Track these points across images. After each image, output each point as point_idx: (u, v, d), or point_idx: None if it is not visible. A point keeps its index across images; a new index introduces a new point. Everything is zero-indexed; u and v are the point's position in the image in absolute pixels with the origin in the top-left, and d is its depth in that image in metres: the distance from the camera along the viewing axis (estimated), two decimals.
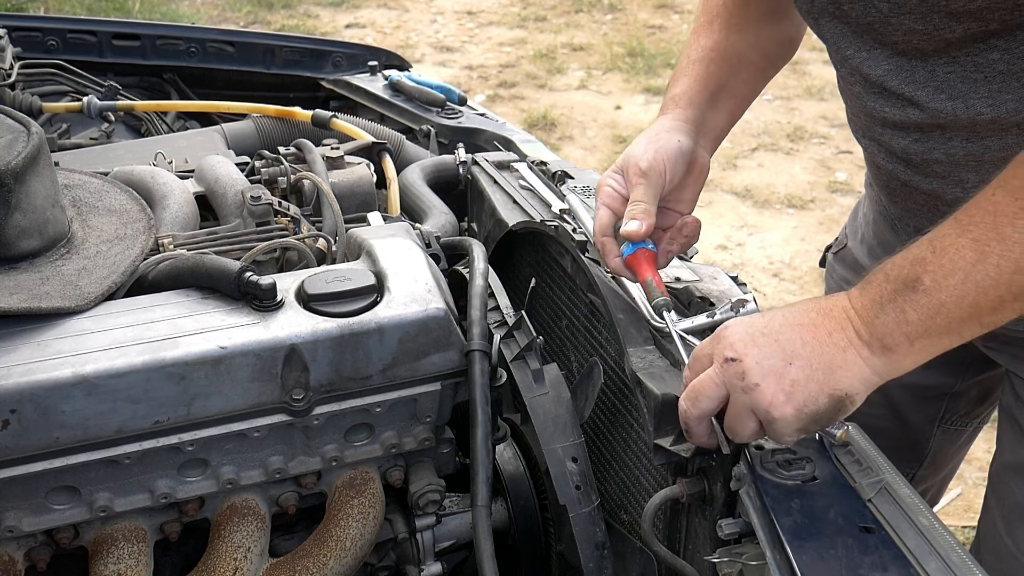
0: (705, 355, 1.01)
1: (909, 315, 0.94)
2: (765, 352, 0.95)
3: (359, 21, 6.69)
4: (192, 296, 1.18)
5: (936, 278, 0.93)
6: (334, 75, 2.45)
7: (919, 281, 0.93)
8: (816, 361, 0.95)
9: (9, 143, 1.18)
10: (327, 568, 1.18)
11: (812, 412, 0.95)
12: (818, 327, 0.96)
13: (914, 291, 0.94)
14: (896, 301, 0.94)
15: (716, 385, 0.98)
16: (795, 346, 0.95)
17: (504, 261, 1.63)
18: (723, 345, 0.98)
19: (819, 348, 0.95)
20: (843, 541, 0.92)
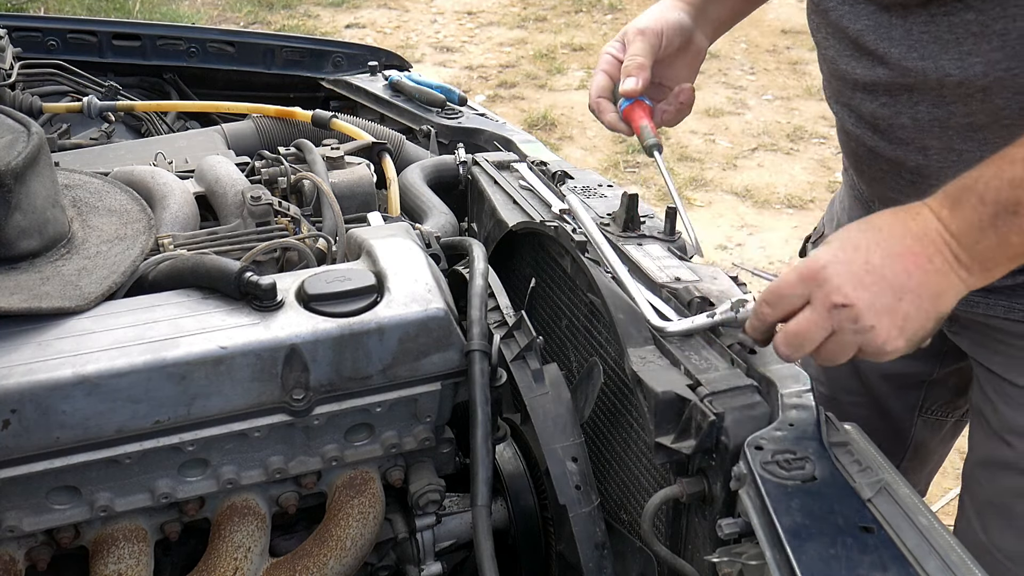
0: (797, 295, 0.99)
1: (1012, 239, 0.95)
2: (875, 292, 0.95)
3: (359, 21, 6.69)
4: (192, 296, 1.18)
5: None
6: (334, 75, 2.45)
7: (1020, 204, 0.94)
8: (924, 291, 0.96)
9: (9, 143, 1.18)
10: (327, 568, 1.19)
11: (920, 337, 0.97)
12: (918, 255, 0.96)
13: (1015, 215, 0.94)
14: (996, 226, 0.94)
15: (821, 329, 0.97)
16: (901, 280, 0.95)
17: (504, 261, 1.63)
18: (828, 290, 0.96)
19: (924, 278, 0.96)
20: (843, 541, 0.92)
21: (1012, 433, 1.30)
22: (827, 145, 5.00)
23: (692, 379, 1.12)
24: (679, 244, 1.42)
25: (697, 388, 1.10)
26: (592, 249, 1.37)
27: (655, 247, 1.40)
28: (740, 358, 1.14)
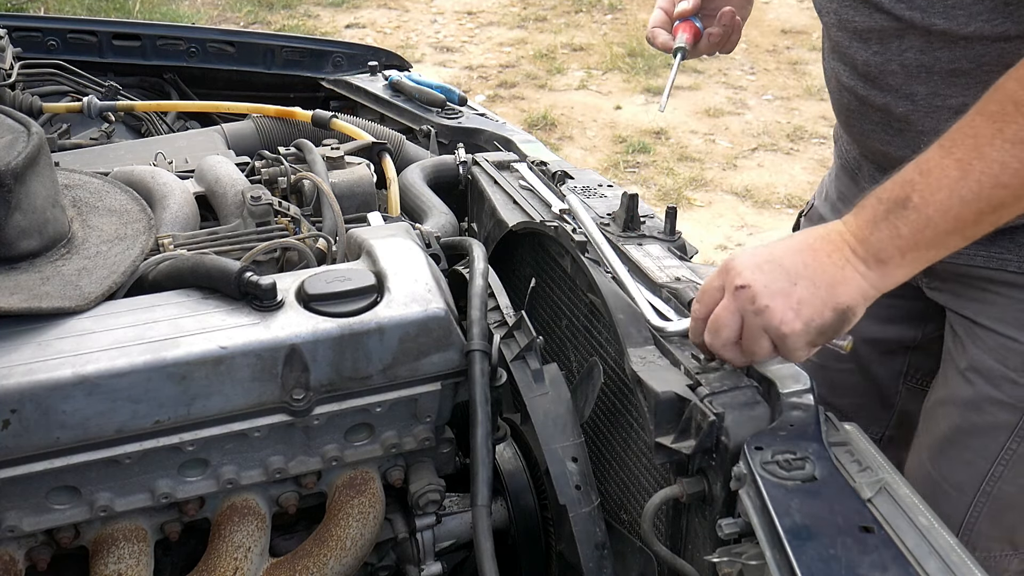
0: (715, 288, 1.09)
1: (901, 230, 1.04)
2: (771, 276, 1.05)
3: (359, 21, 6.69)
4: (192, 296, 1.18)
5: (924, 195, 1.03)
6: (334, 75, 2.45)
7: (909, 199, 1.04)
8: (819, 279, 1.04)
9: (9, 143, 1.18)
10: (327, 568, 1.19)
11: (819, 325, 1.04)
12: (817, 250, 1.06)
13: (904, 208, 1.04)
14: (888, 219, 1.05)
15: (731, 313, 1.06)
16: (798, 268, 1.05)
17: (504, 261, 1.63)
18: (732, 275, 1.07)
19: (820, 268, 1.05)
20: (843, 541, 0.92)
21: (974, 372, 1.37)
22: (827, 145, 5.00)
23: (692, 379, 1.12)
24: (679, 244, 1.42)
25: (697, 388, 1.10)
26: (592, 249, 1.37)
27: (655, 247, 1.40)
28: None
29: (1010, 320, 1.33)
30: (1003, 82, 1.03)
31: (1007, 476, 1.38)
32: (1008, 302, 1.33)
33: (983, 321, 1.36)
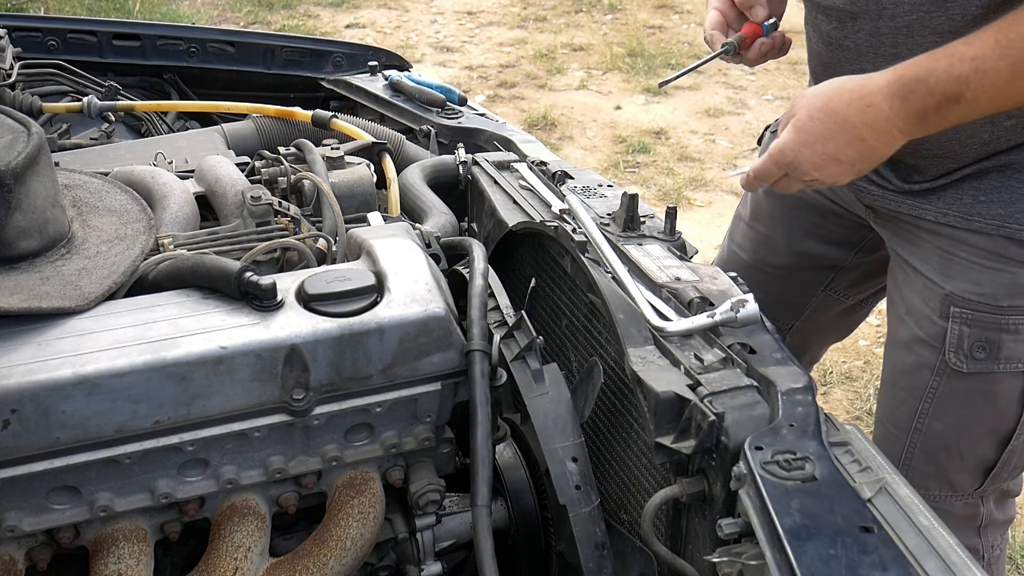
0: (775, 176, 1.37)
1: (949, 119, 1.23)
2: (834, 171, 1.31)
3: (359, 21, 6.69)
4: (192, 296, 1.18)
5: (977, 93, 1.20)
6: (334, 75, 2.45)
7: (962, 96, 1.20)
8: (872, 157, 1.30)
9: (9, 143, 1.18)
10: (327, 568, 1.19)
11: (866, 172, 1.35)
12: (866, 140, 1.28)
13: (957, 103, 1.21)
14: (939, 112, 1.22)
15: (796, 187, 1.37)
16: (852, 158, 1.30)
17: (504, 261, 1.63)
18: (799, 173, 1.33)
19: (872, 151, 1.29)
20: (843, 541, 0.92)
21: (908, 313, 1.51)
22: None
23: (692, 379, 1.12)
24: (679, 244, 1.42)
25: (697, 388, 1.10)
26: (592, 249, 1.37)
27: (655, 247, 1.40)
28: (740, 358, 1.14)
29: (931, 264, 1.46)
30: None
31: (933, 413, 1.48)
32: (930, 247, 1.47)
33: (913, 263, 1.50)
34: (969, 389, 1.46)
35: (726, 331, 1.19)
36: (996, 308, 1.41)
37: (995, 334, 1.42)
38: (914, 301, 1.49)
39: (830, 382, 3.27)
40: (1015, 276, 1.40)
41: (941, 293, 1.44)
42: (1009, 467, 1.52)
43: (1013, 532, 2.67)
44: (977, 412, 1.48)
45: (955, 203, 1.42)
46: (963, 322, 1.43)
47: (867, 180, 1.52)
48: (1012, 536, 2.65)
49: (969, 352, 1.43)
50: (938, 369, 1.46)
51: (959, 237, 1.43)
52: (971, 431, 1.49)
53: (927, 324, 1.47)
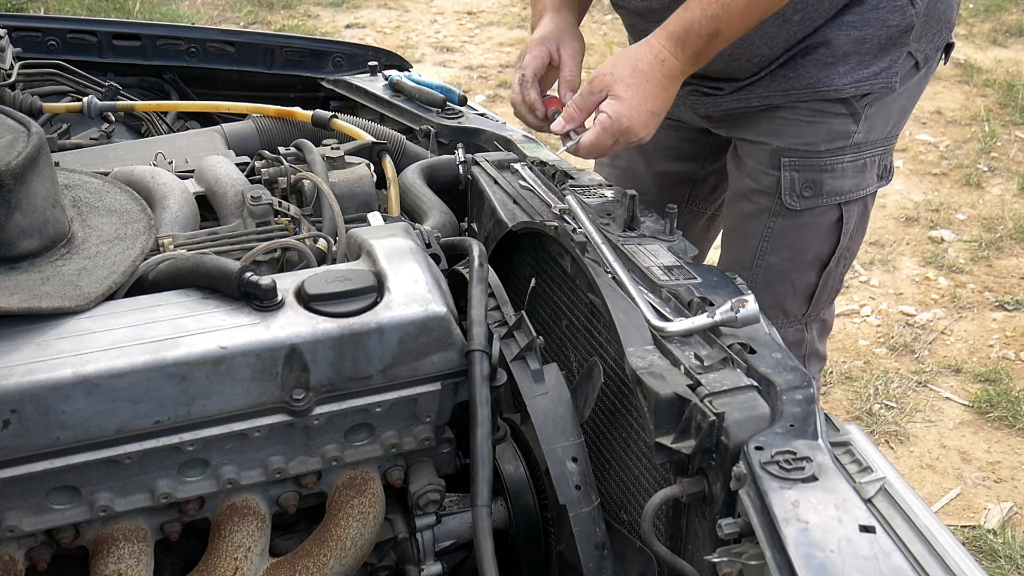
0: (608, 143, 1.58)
1: (713, 50, 1.56)
2: (653, 125, 1.58)
3: (359, 21, 6.69)
4: (192, 296, 1.18)
5: (728, 24, 1.53)
6: (334, 75, 2.45)
7: (719, 31, 1.54)
8: (668, 106, 1.60)
9: (9, 143, 1.18)
10: (327, 568, 1.19)
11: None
12: (668, 88, 1.57)
13: (716, 37, 1.55)
14: (708, 48, 1.55)
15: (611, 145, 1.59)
16: (662, 108, 1.58)
17: (504, 261, 1.63)
18: (629, 136, 1.57)
19: (670, 99, 1.59)
20: (843, 541, 0.92)
21: (746, 174, 1.84)
22: None
23: (692, 379, 1.12)
24: (679, 244, 1.42)
25: (697, 388, 1.10)
26: (592, 249, 1.37)
27: (655, 247, 1.40)
28: (740, 358, 1.14)
29: (761, 130, 1.80)
30: None
31: (770, 249, 1.82)
32: (758, 121, 1.81)
33: (746, 136, 1.83)
34: (799, 224, 1.81)
35: (726, 331, 1.19)
36: (817, 153, 1.76)
37: (818, 174, 1.77)
38: (749, 163, 1.83)
39: (830, 382, 3.27)
40: (830, 125, 1.75)
41: (770, 149, 1.78)
42: (827, 290, 1.90)
43: (1013, 532, 2.67)
44: (805, 243, 1.83)
45: (772, 85, 1.75)
46: (792, 168, 1.77)
47: (700, 94, 1.84)
48: (1012, 536, 2.66)
49: (800, 192, 1.78)
50: (773, 211, 1.80)
51: (781, 106, 1.77)
52: (800, 260, 1.84)
53: (762, 177, 1.80)
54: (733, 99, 1.80)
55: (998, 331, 3.56)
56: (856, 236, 1.88)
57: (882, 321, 3.63)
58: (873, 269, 3.94)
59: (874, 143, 1.80)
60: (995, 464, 2.94)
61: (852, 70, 1.71)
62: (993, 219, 4.26)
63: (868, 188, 1.84)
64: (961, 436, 3.06)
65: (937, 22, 1.76)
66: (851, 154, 1.78)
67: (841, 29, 1.69)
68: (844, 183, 1.80)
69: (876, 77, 1.72)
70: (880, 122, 1.79)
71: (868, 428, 3.06)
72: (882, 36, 1.70)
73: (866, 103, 1.75)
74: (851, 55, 1.71)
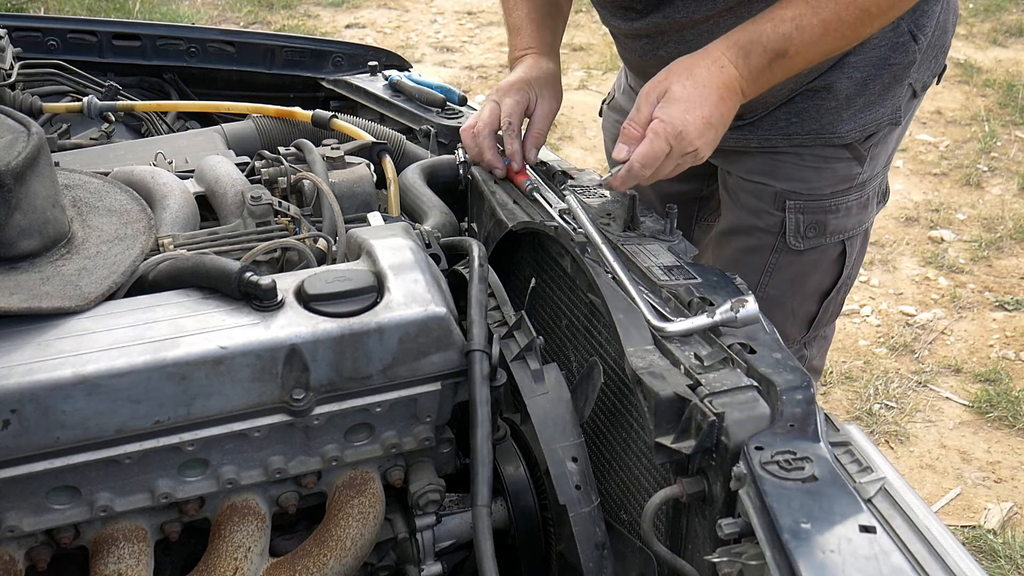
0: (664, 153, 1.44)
1: (777, 74, 1.47)
2: (708, 137, 1.45)
3: (359, 21, 6.69)
4: (192, 296, 1.18)
5: (799, 49, 1.44)
6: (334, 75, 2.45)
7: (787, 51, 1.44)
8: (727, 121, 1.48)
9: (9, 143, 1.18)
10: (327, 568, 1.19)
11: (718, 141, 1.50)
12: (726, 100, 1.46)
13: (784, 58, 1.44)
14: (771, 67, 1.45)
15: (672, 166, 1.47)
16: (720, 121, 1.46)
17: (504, 261, 1.63)
18: (684, 144, 1.44)
19: (729, 114, 1.48)
20: (843, 541, 0.92)
21: (744, 209, 1.81)
22: None
23: (692, 379, 1.12)
24: (679, 244, 1.42)
25: (697, 388, 1.10)
26: (592, 249, 1.37)
27: (655, 247, 1.40)
28: (740, 358, 1.14)
29: (757, 171, 1.76)
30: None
31: (771, 283, 1.80)
32: (754, 161, 1.77)
33: (742, 174, 1.79)
34: (802, 261, 1.79)
35: (726, 331, 1.19)
36: (822, 196, 1.74)
37: (823, 216, 1.75)
38: (748, 200, 1.79)
39: (830, 382, 3.28)
40: (835, 171, 1.72)
41: (773, 191, 1.75)
42: (827, 315, 1.89)
43: (1013, 532, 2.67)
44: (807, 277, 1.82)
45: (773, 128, 1.71)
46: (797, 211, 1.74)
47: None
48: (1012, 536, 2.66)
49: (804, 234, 1.76)
50: (776, 248, 1.78)
51: (782, 150, 1.73)
52: (802, 292, 1.83)
53: (765, 216, 1.77)
54: (732, 137, 1.70)
55: (998, 331, 3.57)
56: (858, 264, 1.87)
57: (882, 321, 3.63)
58: (873, 269, 3.94)
59: (875, 176, 1.78)
60: (995, 464, 2.94)
61: (856, 115, 1.67)
62: (993, 219, 4.26)
63: (870, 220, 1.83)
64: (961, 436, 3.06)
65: (935, 50, 1.73)
66: (855, 193, 1.75)
67: (843, 72, 1.64)
68: (848, 221, 1.77)
69: (882, 117, 1.69)
70: (881, 155, 1.77)
71: (868, 428, 3.07)
72: (885, 77, 1.65)
73: (870, 144, 1.72)
74: (855, 98, 1.66)
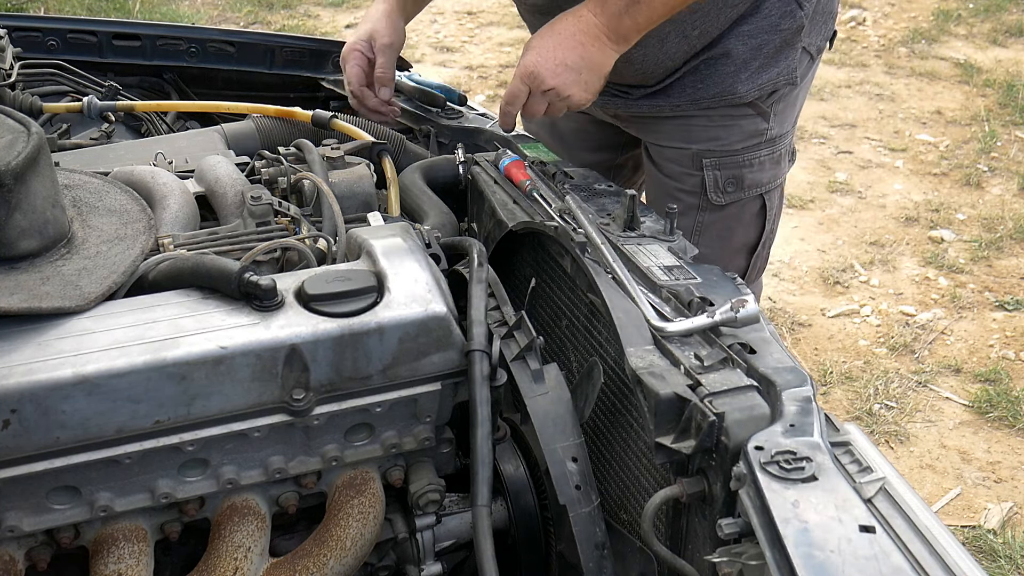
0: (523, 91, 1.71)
1: (638, 18, 1.63)
2: (565, 77, 1.66)
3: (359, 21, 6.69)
4: (192, 296, 1.18)
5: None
6: (334, 75, 2.45)
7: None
8: (593, 64, 1.67)
9: (9, 143, 1.18)
10: (327, 568, 1.19)
11: (596, 87, 1.70)
12: (585, 44, 1.65)
13: (637, 3, 1.61)
14: (628, 12, 1.62)
15: (541, 105, 1.71)
16: (578, 62, 1.66)
17: (504, 261, 1.63)
18: (538, 82, 1.68)
19: (591, 57, 1.66)
20: (843, 541, 0.92)
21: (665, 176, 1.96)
22: (827, 145, 5.00)
23: (692, 379, 1.12)
24: (679, 244, 1.42)
25: (697, 388, 1.10)
26: (592, 249, 1.37)
27: (655, 247, 1.40)
28: (740, 358, 1.14)
29: (675, 137, 1.92)
30: None
31: (701, 242, 1.90)
32: (671, 127, 1.93)
33: (660, 141, 1.95)
34: (725, 216, 1.94)
35: (726, 331, 1.19)
36: (735, 152, 1.89)
37: (738, 170, 1.90)
38: (668, 166, 1.94)
39: (830, 382, 3.28)
40: (742, 127, 1.89)
41: (690, 152, 1.90)
42: (755, 270, 2.04)
43: (1013, 532, 2.67)
44: (733, 232, 1.96)
45: (681, 95, 1.87)
46: (714, 168, 1.89)
47: (610, 95, 1.90)
48: (1012, 536, 2.66)
49: (723, 188, 1.91)
50: (700, 207, 1.92)
51: (692, 113, 1.88)
52: (730, 247, 1.97)
53: (686, 178, 1.92)
54: (645, 105, 1.91)
55: (998, 331, 3.57)
56: (777, 219, 2.04)
57: (882, 321, 3.63)
58: (873, 269, 3.94)
59: (785, 135, 1.95)
60: (995, 464, 2.94)
61: (753, 76, 1.84)
62: (993, 219, 4.26)
63: (783, 175, 2.00)
64: (961, 436, 3.06)
65: (824, 16, 1.90)
66: (766, 148, 1.92)
67: (739, 39, 1.81)
68: (763, 175, 1.93)
69: (778, 77, 1.85)
70: (788, 114, 1.94)
71: (868, 428, 3.07)
72: (776, 40, 1.82)
73: (772, 101, 1.88)
74: (751, 61, 1.83)
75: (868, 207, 4.42)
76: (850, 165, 4.77)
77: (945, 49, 6.10)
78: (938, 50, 6.09)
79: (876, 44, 6.18)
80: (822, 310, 3.70)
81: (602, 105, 1.96)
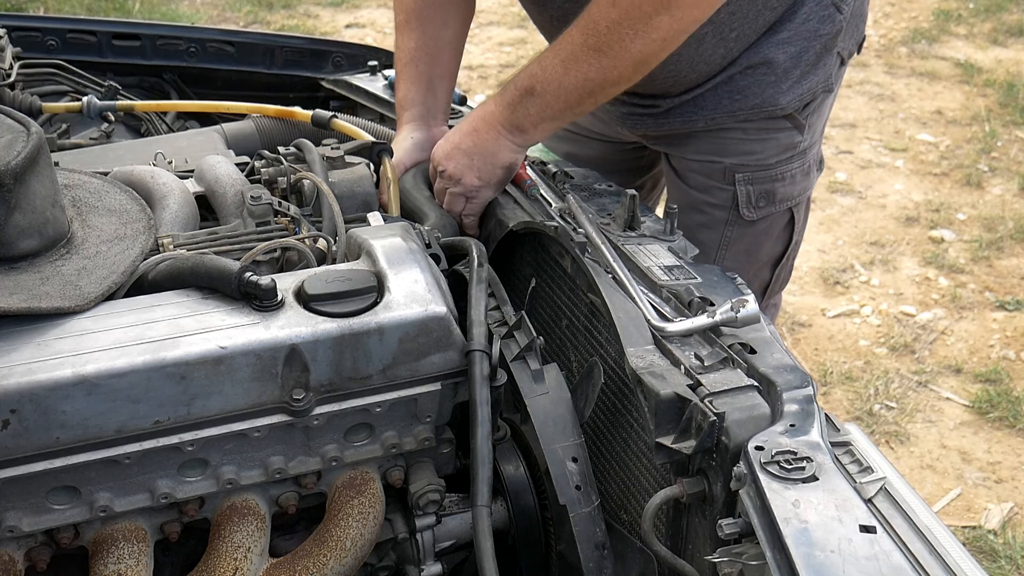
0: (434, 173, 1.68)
1: (530, 110, 1.55)
2: (457, 161, 1.62)
3: (359, 21, 6.69)
4: (192, 296, 1.18)
5: (543, 86, 1.52)
6: (334, 75, 2.44)
7: (533, 89, 1.53)
8: (486, 153, 1.60)
9: (9, 143, 1.18)
10: (327, 568, 1.18)
11: (497, 179, 1.62)
12: (479, 131, 1.60)
13: (531, 95, 1.54)
14: (522, 103, 1.55)
15: (442, 190, 1.67)
16: (470, 148, 1.61)
17: (504, 261, 1.63)
18: (435, 165, 1.66)
19: (484, 145, 1.60)
20: (843, 541, 0.92)
21: (693, 188, 1.88)
22: (827, 145, 5.00)
23: (692, 379, 1.12)
24: (679, 244, 1.42)
25: (697, 388, 1.10)
26: (592, 249, 1.37)
27: (655, 247, 1.40)
28: (740, 358, 1.14)
29: (705, 150, 1.83)
30: (591, 7, 1.46)
31: (727, 256, 1.87)
32: (701, 141, 1.84)
33: (688, 155, 1.86)
34: (755, 231, 1.88)
35: (726, 331, 1.19)
36: (768, 166, 1.82)
37: (771, 185, 1.83)
38: (696, 179, 1.86)
39: (830, 382, 3.27)
40: (778, 140, 1.81)
41: (722, 166, 1.82)
42: (779, 282, 1.99)
43: (1013, 532, 2.67)
44: (760, 246, 1.91)
45: (718, 107, 1.78)
46: (747, 183, 1.82)
47: (639, 115, 1.84)
48: (1012, 536, 2.66)
49: (755, 204, 1.84)
50: (729, 222, 1.86)
51: (727, 126, 1.79)
52: (756, 262, 1.92)
53: (716, 192, 1.84)
54: (677, 120, 1.81)
55: (998, 331, 3.56)
56: (803, 231, 1.99)
57: (882, 321, 3.63)
58: (873, 269, 3.94)
59: (815, 144, 1.89)
60: (995, 464, 2.94)
61: (794, 85, 1.76)
62: (993, 219, 4.25)
63: (812, 187, 1.94)
64: (961, 436, 3.06)
65: (857, 19, 1.83)
66: (798, 161, 1.85)
67: (779, 48, 1.73)
68: (794, 188, 1.87)
69: (816, 86, 1.79)
70: (818, 123, 1.88)
71: (868, 428, 3.07)
72: (817, 47, 1.75)
73: (807, 112, 1.82)
74: (792, 70, 1.75)
75: (868, 207, 4.42)
76: (850, 165, 4.77)
77: (945, 49, 6.10)
78: (938, 50, 6.09)
79: (876, 44, 6.18)
80: (822, 310, 3.70)
81: (631, 127, 1.89)
